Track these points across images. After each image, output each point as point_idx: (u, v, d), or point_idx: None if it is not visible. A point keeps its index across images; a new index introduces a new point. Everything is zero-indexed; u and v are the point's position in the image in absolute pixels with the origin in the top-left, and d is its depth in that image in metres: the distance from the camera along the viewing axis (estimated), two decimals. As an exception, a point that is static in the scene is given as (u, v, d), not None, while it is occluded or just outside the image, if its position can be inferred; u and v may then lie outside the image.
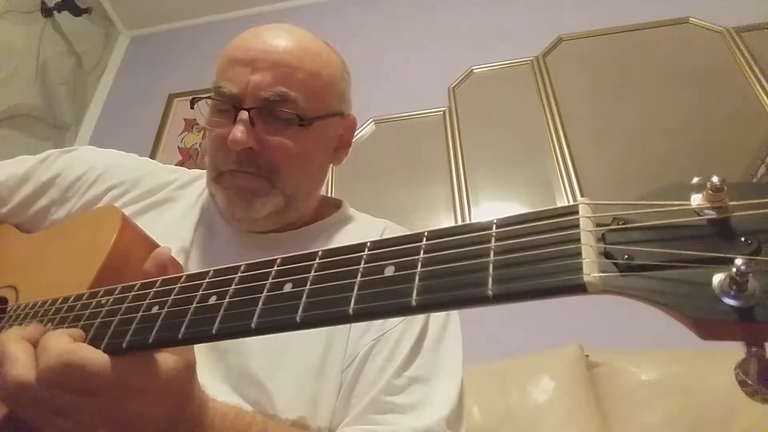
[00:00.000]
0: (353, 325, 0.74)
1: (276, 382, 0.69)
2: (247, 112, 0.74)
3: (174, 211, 0.86)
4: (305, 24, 0.84)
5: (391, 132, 2.36)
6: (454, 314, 0.80)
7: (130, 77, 2.95)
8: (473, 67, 2.45)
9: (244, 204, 0.77)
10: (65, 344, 0.46)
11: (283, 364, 0.70)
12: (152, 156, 2.52)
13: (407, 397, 0.69)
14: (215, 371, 0.68)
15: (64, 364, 0.45)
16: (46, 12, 2.63)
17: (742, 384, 0.27)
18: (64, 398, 0.46)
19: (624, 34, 2.36)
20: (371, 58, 2.54)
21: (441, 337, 0.75)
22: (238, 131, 0.73)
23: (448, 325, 0.77)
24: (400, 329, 0.73)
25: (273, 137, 0.76)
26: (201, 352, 0.55)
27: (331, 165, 0.88)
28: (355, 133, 0.90)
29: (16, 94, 2.44)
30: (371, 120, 2.37)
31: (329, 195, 2.08)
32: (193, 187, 0.90)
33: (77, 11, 2.69)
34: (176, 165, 2.65)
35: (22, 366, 0.46)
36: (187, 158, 2.51)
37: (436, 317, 0.77)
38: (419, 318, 0.75)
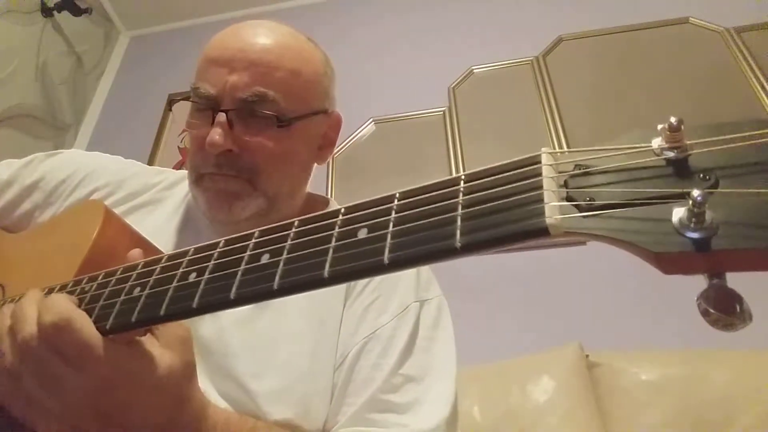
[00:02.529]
0: (343, 321, 0.74)
1: (261, 384, 0.68)
2: (224, 114, 0.73)
3: (159, 212, 0.85)
4: (305, 25, 0.83)
5: (391, 132, 2.36)
6: (445, 312, 0.80)
7: (130, 77, 2.96)
8: (473, 67, 2.45)
9: (225, 207, 0.76)
10: (70, 305, 0.47)
11: (270, 365, 0.70)
12: (152, 156, 2.53)
13: (403, 396, 0.69)
14: (199, 372, 0.67)
15: (63, 320, 0.45)
16: (46, 12, 2.64)
17: (704, 314, 0.28)
18: (55, 364, 0.46)
19: (624, 34, 2.36)
20: (371, 58, 2.54)
21: (433, 336, 0.75)
22: (216, 134, 0.72)
23: (439, 323, 0.77)
24: (391, 326, 0.73)
25: (252, 138, 0.74)
26: None
27: (316, 164, 0.87)
28: (355, 133, 0.90)
29: (16, 94, 2.44)
30: (371, 120, 2.37)
31: (328, 194, 2.09)
32: (178, 188, 0.89)
33: (77, 11, 2.69)
34: (176, 165, 2.65)
35: (29, 323, 0.47)
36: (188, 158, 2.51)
37: (427, 315, 0.76)
38: (411, 315, 0.75)
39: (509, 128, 2.25)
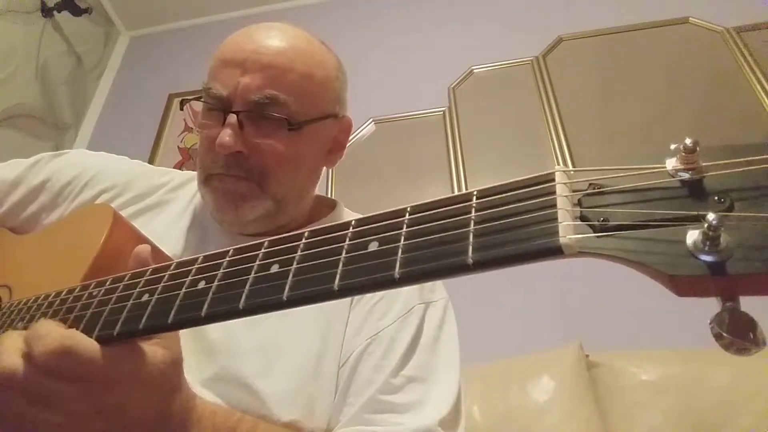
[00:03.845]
0: (349, 324, 0.74)
1: (269, 385, 0.68)
2: (235, 116, 0.73)
3: (166, 214, 0.85)
4: (304, 24, 0.83)
5: (391, 132, 2.36)
6: (451, 313, 0.80)
7: (130, 77, 2.95)
8: (473, 67, 2.45)
9: (233, 208, 0.76)
10: (62, 330, 0.47)
11: (277, 365, 0.70)
12: (152, 156, 2.52)
13: (405, 397, 0.69)
14: (205, 373, 0.67)
15: (64, 348, 0.45)
16: (46, 12, 2.63)
17: (717, 337, 0.28)
18: (54, 386, 0.46)
19: (624, 34, 2.36)
20: (371, 58, 2.54)
21: (438, 337, 0.75)
22: (226, 135, 0.72)
23: (444, 325, 0.77)
24: (394, 328, 0.73)
25: (263, 141, 0.74)
26: (192, 353, 0.55)
27: (325, 167, 0.87)
28: (355, 133, 0.90)
29: (16, 94, 2.44)
30: (371, 120, 2.37)
31: (329, 195, 2.08)
32: (185, 189, 0.89)
33: (77, 11, 2.69)
34: (176, 165, 2.64)
35: (12, 355, 0.46)
36: (187, 158, 2.51)
37: (433, 317, 0.77)
38: (415, 317, 0.75)
39: (509, 128, 2.25)
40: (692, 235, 0.28)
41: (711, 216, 0.27)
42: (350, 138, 0.90)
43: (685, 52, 2.24)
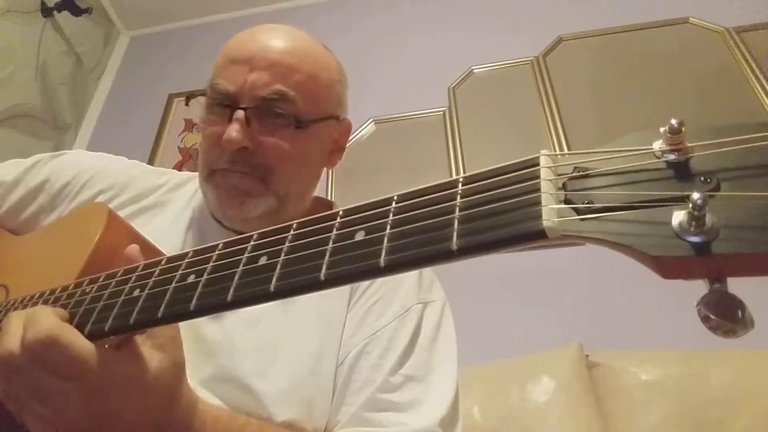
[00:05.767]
0: (346, 323, 0.75)
1: (267, 385, 0.68)
2: (243, 111, 0.73)
3: (164, 215, 0.85)
4: (305, 24, 0.83)
5: (391, 132, 2.36)
6: (448, 313, 0.80)
7: (130, 77, 2.96)
8: (473, 67, 2.45)
9: (236, 204, 0.76)
10: (54, 321, 0.47)
11: (276, 365, 0.70)
12: (152, 156, 2.53)
13: (404, 395, 0.69)
14: (202, 373, 0.67)
15: (48, 338, 0.45)
16: (46, 12, 2.63)
17: (705, 320, 0.27)
18: (43, 378, 0.46)
19: (624, 34, 2.36)
20: (371, 59, 2.54)
21: (435, 337, 0.75)
22: (234, 130, 0.72)
23: (441, 325, 0.77)
24: (392, 327, 0.73)
25: (269, 137, 0.75)
26: (190, 353, 0.55)
27: (325, 168, 0.88)
28: (355, 133, 0.90)
29: (16, 94, 2.44)
30: (371, 120, 2.37)
31: (329, 195, 2.08)
32: (183, 190, 0.89)
33: (77, 11, 2.69)
34: (176, 165, 2.64)
35: (14, 337, 0.47)
36: (187, 158, 2.51)
37: (430, 316, 0.77)
38: (413, 317, 0.75)
39: (509, 128, 2.24)
40: (678, 216, 0.28)
41: (696, 196, 0.27)
42: (350, 138, 0.90)
43: (685, 52, 2.24)
